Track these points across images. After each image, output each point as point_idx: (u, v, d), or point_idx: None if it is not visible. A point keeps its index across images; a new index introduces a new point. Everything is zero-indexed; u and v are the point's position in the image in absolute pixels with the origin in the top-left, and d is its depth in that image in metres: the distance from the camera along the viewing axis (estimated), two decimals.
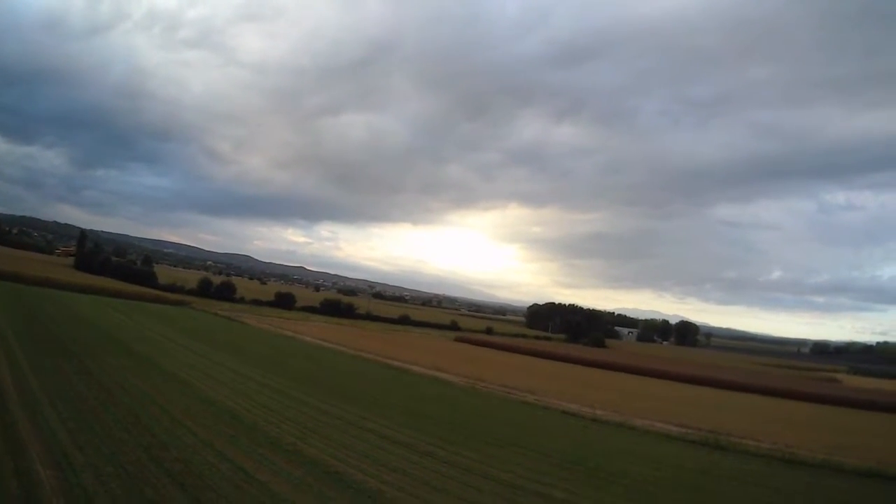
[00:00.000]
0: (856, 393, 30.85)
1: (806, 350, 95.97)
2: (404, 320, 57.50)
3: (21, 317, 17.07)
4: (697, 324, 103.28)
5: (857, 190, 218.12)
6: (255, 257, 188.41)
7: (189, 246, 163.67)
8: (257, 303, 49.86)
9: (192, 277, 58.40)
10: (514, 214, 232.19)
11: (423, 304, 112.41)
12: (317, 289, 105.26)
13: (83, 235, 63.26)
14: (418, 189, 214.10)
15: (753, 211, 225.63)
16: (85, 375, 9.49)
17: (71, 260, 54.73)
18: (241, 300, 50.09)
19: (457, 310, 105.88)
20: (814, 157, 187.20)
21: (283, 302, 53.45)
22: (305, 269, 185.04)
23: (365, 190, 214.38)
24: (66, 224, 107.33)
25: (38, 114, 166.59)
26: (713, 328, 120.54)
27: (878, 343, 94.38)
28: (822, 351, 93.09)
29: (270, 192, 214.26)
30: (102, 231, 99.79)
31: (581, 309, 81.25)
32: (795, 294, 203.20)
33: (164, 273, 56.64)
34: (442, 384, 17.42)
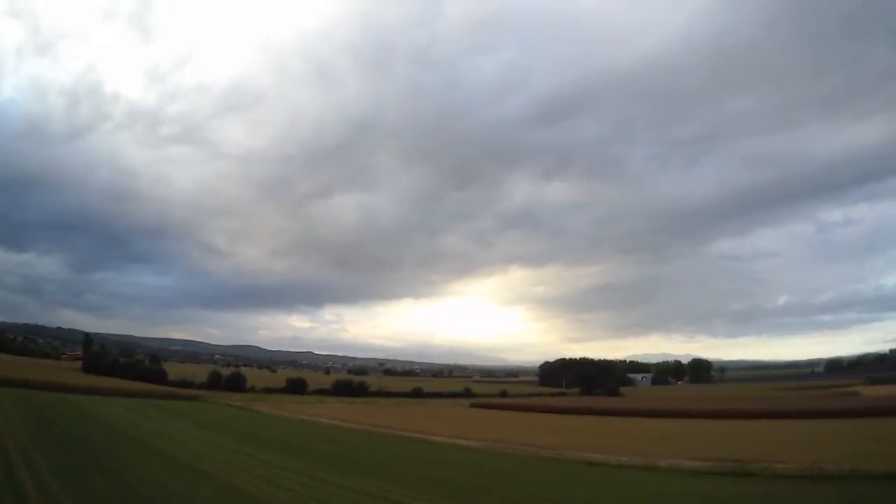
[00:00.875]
0: (874, 402, 30.68)
1: (820, 369, 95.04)
2: (417, 393, 57.40)
3: (35, 421, 17.17)
4: (710, 360, 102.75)
5: (851, 205, 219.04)
6: (263, 346, 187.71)
7: (195, 341, 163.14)
8: (269, 391, 49.90)
9: (201, 371, 58.49)
10: (515, 277, 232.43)
11: (434, 375, 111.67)
12: (327, 371, 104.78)
13: (88, 339, 63.49)
14: (416, 263, 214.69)
15: (752, 241, 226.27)
16: (105, 473, 9.56)
17: (78, 364, 54.77)
18: (252, 389, 50.10)
19: (469, 377, 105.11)
20: (806, 178, 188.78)
21: (295, 387, 53.50)
22: (314, 353, 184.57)
23: (364, 269, 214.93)
24: (70, 329, 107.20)
25: (28, 221, 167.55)
26: (726, 362, 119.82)
27: (890, 351, 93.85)
28: (837, 367, 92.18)
29: (271, 281, 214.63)
30: (107, 333, 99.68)
31: (592, 361, 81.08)
32: (803, 316, 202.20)
33: (172, 369, 56.71)
34: (462, 450, 17.36)
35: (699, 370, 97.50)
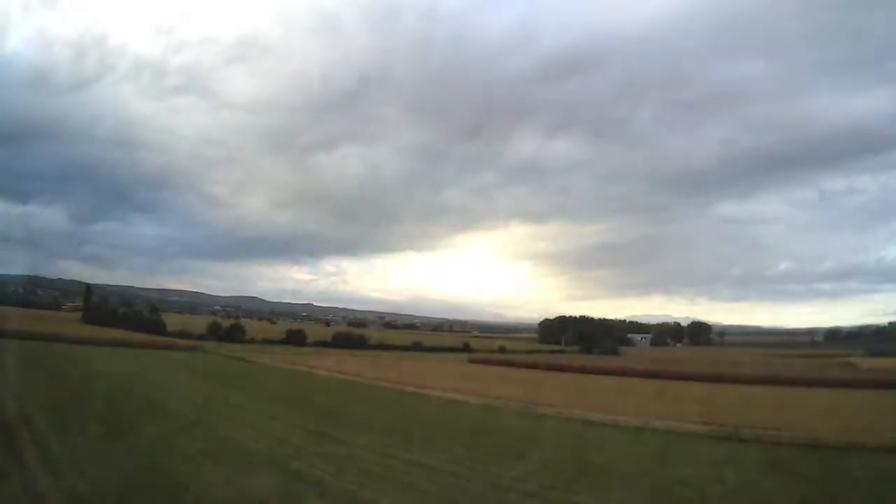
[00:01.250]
0: (871, 374, 30.75)
1: (819, 338, 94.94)
2: (416, 346, 57.54)
3: (33, 374, 17.09)
4: (709, 323, 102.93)
5: (856, 174, 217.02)
6: (263, 298, 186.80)
7: (195, 292, 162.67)
8: (268, 342, 50.01)
9: (200, 322, 58.50)
10: (517, 232, 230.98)
11: (434, 329, 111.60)
12: (327, 324, 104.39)
13: (88, 290, 63.37)
14: (419, 216, 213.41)
15: (754, 206, 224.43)
16: (101, 425, 9.44)
17: (79, 315, 54.80)
18: (252, 341, 50.18)
19: (468, 332, 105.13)
20: (810, 145, 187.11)
21: (295, 339, 53.55)
22: (314, 305, 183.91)
23: (366, 222, 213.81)
24: (70, 280, 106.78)
25: (31, 172, 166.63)
26: (725, 326, 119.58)
27: (889, 323, 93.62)
28: (835, 337, 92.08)
29: (272, 232, 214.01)
30: (107, 284, 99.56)
31: (592, 319, 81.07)
32: (804, 284, 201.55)
33: (172, 320, 56.69)
34: (460, 405, 17.43)
35: (698, 333, 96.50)
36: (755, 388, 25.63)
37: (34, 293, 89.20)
